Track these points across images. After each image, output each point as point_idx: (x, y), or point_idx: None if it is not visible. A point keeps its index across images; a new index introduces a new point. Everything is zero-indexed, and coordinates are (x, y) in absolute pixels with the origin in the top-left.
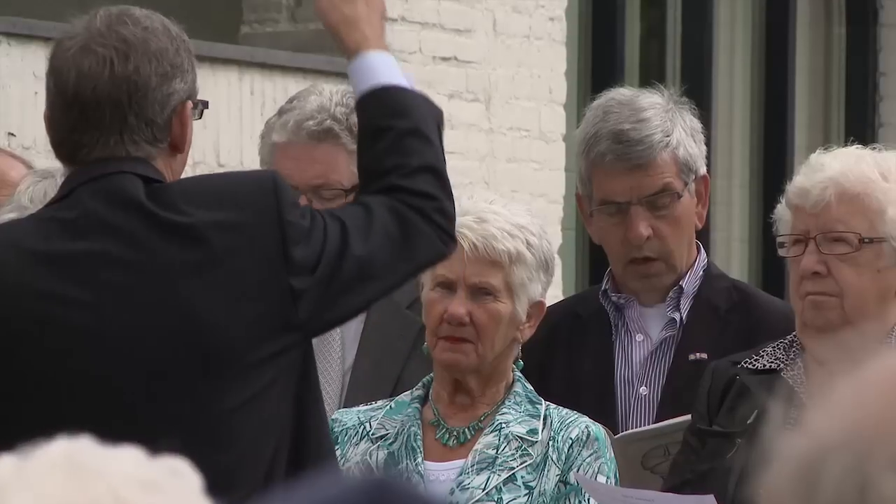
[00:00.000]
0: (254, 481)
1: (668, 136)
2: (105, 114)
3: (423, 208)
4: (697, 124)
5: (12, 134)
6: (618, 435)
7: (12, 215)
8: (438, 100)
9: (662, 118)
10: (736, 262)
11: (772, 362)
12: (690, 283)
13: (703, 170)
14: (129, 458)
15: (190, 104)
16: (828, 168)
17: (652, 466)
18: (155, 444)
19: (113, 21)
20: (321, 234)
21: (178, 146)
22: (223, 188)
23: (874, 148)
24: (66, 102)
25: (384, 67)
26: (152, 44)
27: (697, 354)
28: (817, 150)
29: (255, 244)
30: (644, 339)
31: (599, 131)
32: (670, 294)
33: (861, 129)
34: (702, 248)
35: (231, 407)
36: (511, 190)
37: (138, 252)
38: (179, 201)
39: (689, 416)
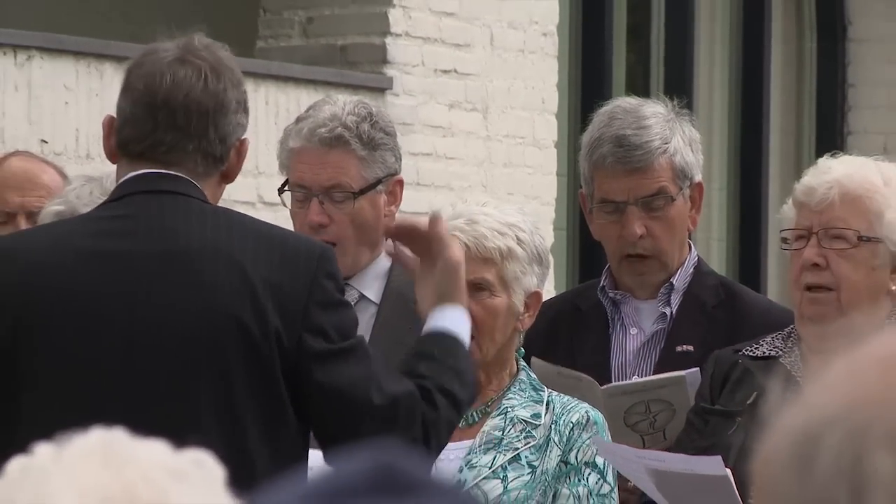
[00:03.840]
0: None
1: (666, 143)
2: (192, 120)
3: (435, 413)
4: (696, 134)
5: (45, 141)
6: (604, 386)
7: (59, 207)
8: (440, 109)
9: (663, 127)
10: (714, 259)
11: (771, 350)
12: (681, 279)
13: (698, 177)
14: (158, 449)
15: (248, 141)
16: (834, 170)
17: (633, 424)
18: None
19: (208, 44)
20: (349, 321)
21: (229, 175)
22: (280, 239)
23: (879, 157)
24: (154, 103)
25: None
26: (236, 74)
27: (684, 347)
28: (825, 156)
29: (285, 295)
30: (638, 332)
31: (603, 135)
32: (662, 290)
33: (831, 137)
34: (693, 248)
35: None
36: (507, 193)
37: (177, 261)
38: (238, 229)
39: (669, 374)
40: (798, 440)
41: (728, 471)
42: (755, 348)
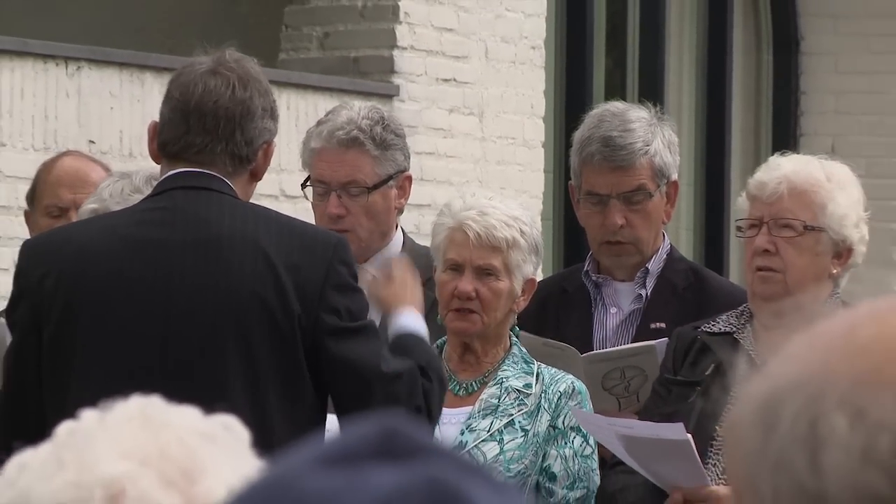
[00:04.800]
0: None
1: (648, 145)
2: (220, 124)
3: (430, 385)
4: (674, 138)
5: (92, 141)
6: (584, 354)
7: (94, 206)
8: (440, 113)
9: (646, 130)
10: (683, 246)
11: (727, 326)
12: (655, 264)
13: (674, 176)
14: (190, 414)
15: (274, 144)
16: (783, 167)
17: (609, 388)
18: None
19: (239, 58)
20: (360, 304)
21: (256, 174)
22: (300, 230)
23: (825, 157)
24: (187, 109)
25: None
26: (263, 84)
27: (658, 324)
28: (775, 154)
29: (304, 278)
30: (617, 311)
31: (592, 135)
32: (638, 274)
33: (785, 138)
34: (666, 237)
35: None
36: (500, 188)
37: (209, 248)
38: (263, 221)
39: (642, 343)
40: (762, 406)
41: (689, 436)
42: (712, 325)
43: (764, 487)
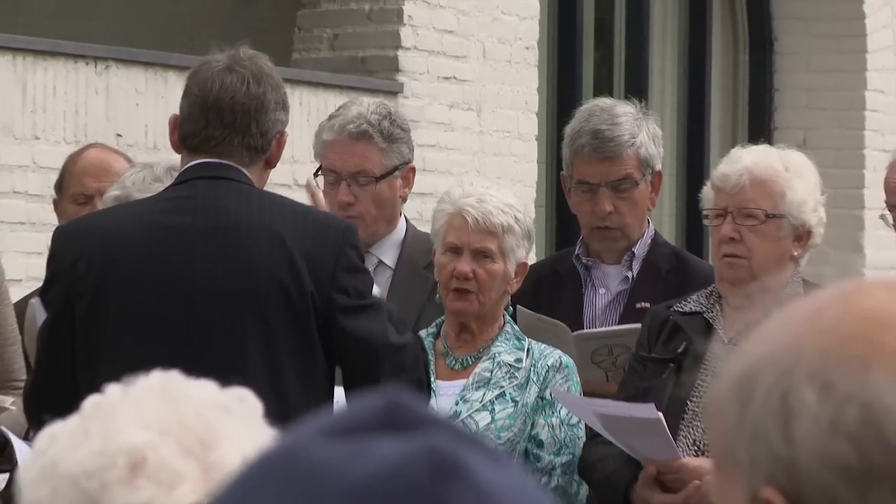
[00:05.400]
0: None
1: (634, 137)
2: (236, 118)
3: (426, 357)
4: (658, 131)
5: (119, 135)
6: (575, 332)
7: (117, 192)
8: (441, 109)
9: (632, 124)
10: (666, 231)
11: (697, 307)
12: (640, 248)
13: (658, 166)
14: (207, 387)
15: (287, 134)
16: (744, 160)
17: (598, 362)
18: (228, 369)
19: (252, 55)
20: (368, 285)
21: (271, 163)
22: (312, 217)
23: (782, 147)
24: (206, 104)
25: None
26: (275, 79)
27: (643, 304)
28: (736, 147)
29: (316, 261)
30: (605, 291)
31: (583, 128)
32: (625, 257)
33: (760, 132)
34: (651, 223)
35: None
36: (497, 178)
37: (228, 233)
38: (278, 208)
39: (628, 326)
40: (738, 382)
41: (660, 415)
42: (683, 305)
43: (741, 457)
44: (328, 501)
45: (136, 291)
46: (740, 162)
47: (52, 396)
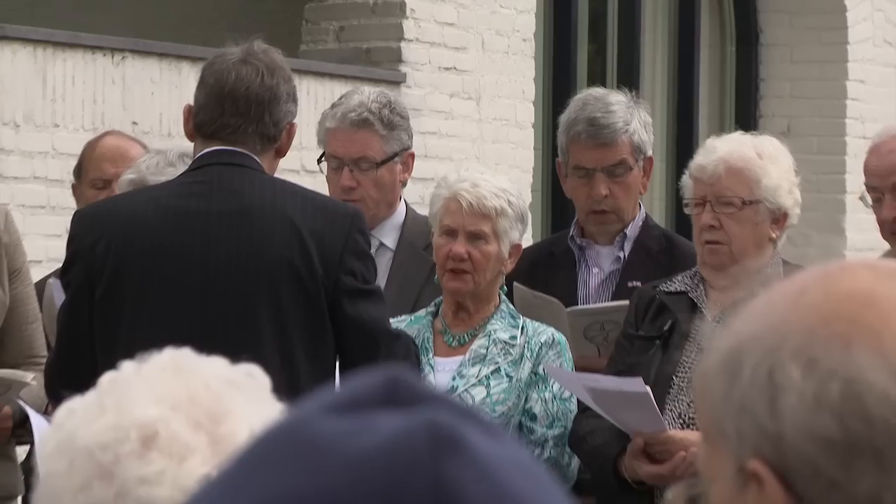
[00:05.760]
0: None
1: (627, 125)
2: (251, 108)
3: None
4: (649, 119)
5: (135, 122)
6: (568, 309)
7: (132, 176)
8: (442, 98)
9: (625, 112)
10: (656, 214)
11: (681, 286)
12: (632, 230)
13: (649, 152)
14: (217, 363)
15: (296, 125)
16: (719, 150)
17: (590, 337)
18: (241, 346)
19: (266, 49)
20: (373, 269)
21: (281, 151)
22: (322, 202)
23: (753, 134)
24: (222, 95)
25: None
26: (287, 72)
27: (634, 283)
28: (710, 137)
29: (326, 244)
30: (598, 271)
31: (578, 116)
32: (617, 238)
33: (746, 120)
34: (642, 206)
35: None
36: (495, 163)
37: (242, 217)
38: (290, 194)
39: (619, 302)
40: (726, 358)
41: (648, 389)
42: (669, 284)
43: (729, 430)
44: (331, 474)
45: (153, 272)
46: (715, 152)
47: (72, 373)
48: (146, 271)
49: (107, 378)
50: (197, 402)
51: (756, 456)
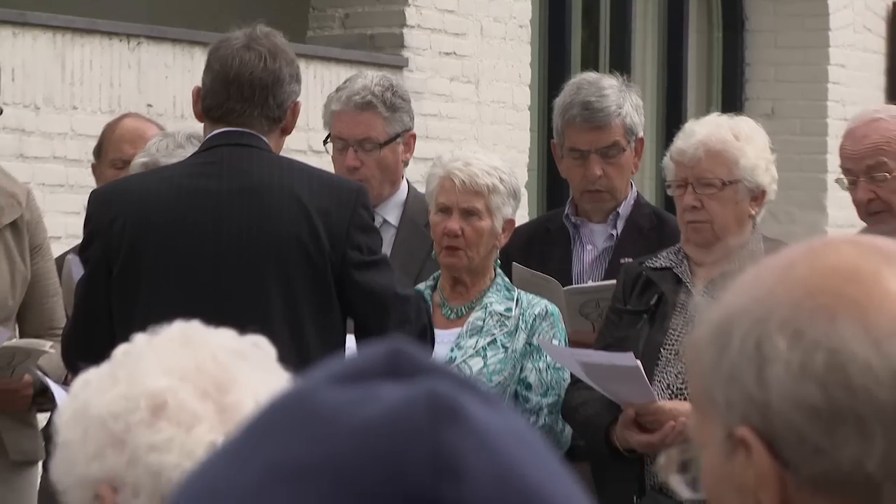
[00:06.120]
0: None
1: (620, 108)
2: (255, 92)
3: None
4: (640, 102)
5: (150, 105)
6: (565, 288)
7: (144, 159)
8: (443, 81)
9: (617, 96)
10: (647, 193)
11: (666, 262)
12: (624, 209)
13: (641, 134)
14: (225, 334)
15: (300, 103)
16: (697, 134)
17: (586, 314)
18: (252, 318)
19: (268, 33)
20: (378, 242)
21: (286, 130)
22: (327, 180)
23: (730, 116)
24: (227, 80)
25: None
26: (289, 54)
27: (626, 259)
28: (689, 121)
29: (332, 220)
30: (592, 248)
31: (573, 100)
32: (610, 216)
33: (732, 103)
34: (634, 185)
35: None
36: (493, 144)
37: (252, 195)
38: (296, 172)
39: (613, 281)
40: (716, 330)
41: (638, 362)
42: (654, 261)
43: (718, 398)
44: (335, 441)
45: (167, 249)
46: (694, 136)
47: (88, 344)
48: (161, 247)
49: (120, 350)
50: (204, 372)
51: (744, 423)
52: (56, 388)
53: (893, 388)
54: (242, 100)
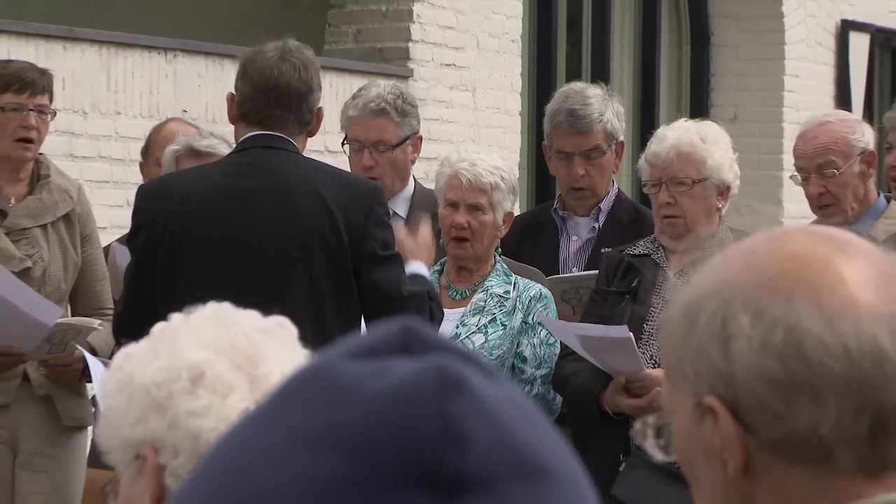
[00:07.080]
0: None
1: (602, 115)
2: (292, 100)
3: (432, 305)
4: (621, 109)
5: (185, 111)
6: (549, 277)
7: (176, 147)
8: (444, 90)
9: (600, 104)
10: (625, 189)
11: (644, 250)
12: (606, 204)
13: (621, 138)
14: (252, 315)
15: (322, 108)
16: (669, 138)
17: (567, 300)
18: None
19: (298, 46)
20: (392, 238)
21: (312, 132)
22: (347, 179)
23: (696, 121)
24: (266, 88)
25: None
26: (317, 66)
27: (607, 249)
28: (661, 127)
29: (351, 215)
30: (577, 238)
31: (560, 107)
32: (593, 211)
33: (699, 109)
34: (615, 182)
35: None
36: (488, 145)
37: (280, 193)
38: (320, 172)
39: (590, 272)
40: (686, 309)
41: (631, 335)
42: (633, 248)
43: (688, 370)
44: (351, 410)
45: (205, 240)
46: (666, 140)
47: (136, 324)
48: (200, 238)
49: (158, 328)
50: (237, 347)
51: (711, 393)
52: (93, 362)
53: (844, 361)
54: (281, 106)
